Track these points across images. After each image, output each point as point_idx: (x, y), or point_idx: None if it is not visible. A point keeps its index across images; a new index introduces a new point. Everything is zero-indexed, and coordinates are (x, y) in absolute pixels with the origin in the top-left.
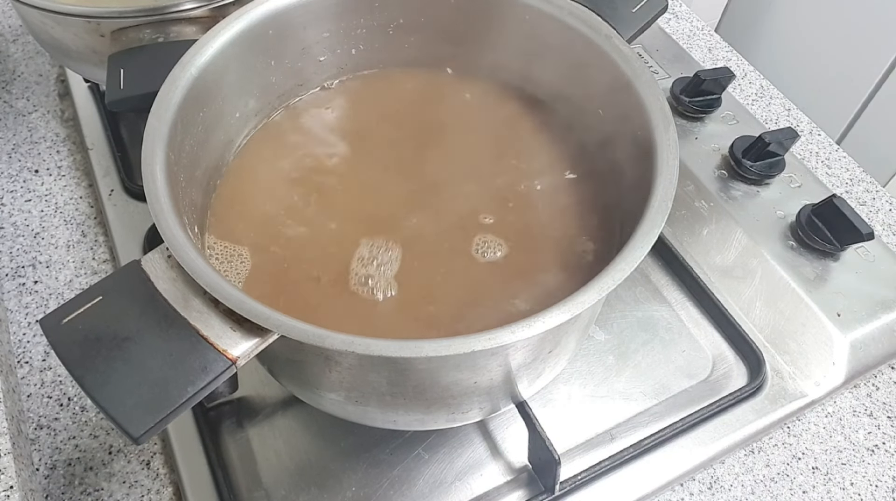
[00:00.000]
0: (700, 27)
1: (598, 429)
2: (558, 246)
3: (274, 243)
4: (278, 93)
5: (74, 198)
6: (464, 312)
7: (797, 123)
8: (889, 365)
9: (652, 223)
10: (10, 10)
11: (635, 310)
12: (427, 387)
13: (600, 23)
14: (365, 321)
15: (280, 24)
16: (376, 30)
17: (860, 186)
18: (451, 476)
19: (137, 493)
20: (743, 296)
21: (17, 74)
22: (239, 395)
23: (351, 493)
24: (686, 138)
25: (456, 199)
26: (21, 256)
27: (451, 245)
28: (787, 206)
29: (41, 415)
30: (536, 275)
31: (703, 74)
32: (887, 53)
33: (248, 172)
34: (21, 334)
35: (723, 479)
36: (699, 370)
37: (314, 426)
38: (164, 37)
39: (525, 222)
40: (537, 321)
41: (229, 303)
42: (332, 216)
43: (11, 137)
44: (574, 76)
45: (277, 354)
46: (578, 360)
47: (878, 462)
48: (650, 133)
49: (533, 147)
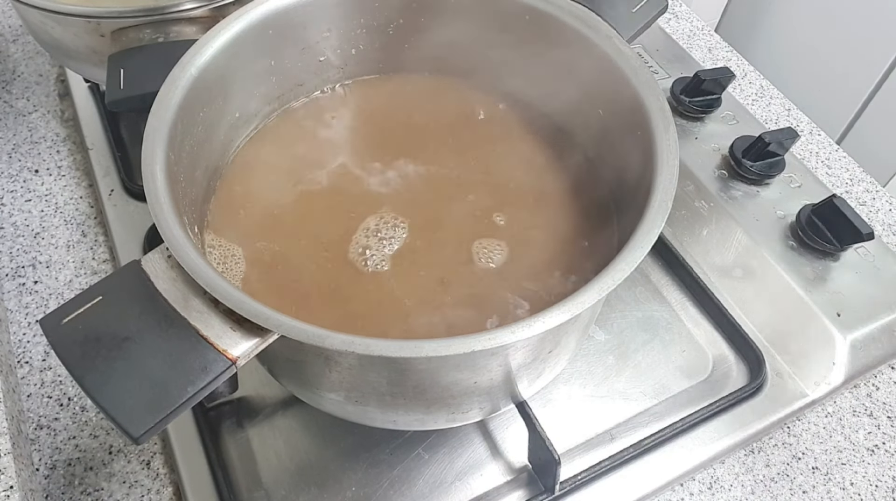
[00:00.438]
0: (700, 27)
1: (598, 429)
2: (557, 246)
3: (274, 242)
4: (278, 93)
5: (74, 198)
6: (457, 309)
7: (797, 123)
8: (889, 365)
9: (652, 223)
10: (10, 10)
11: (635, 310)
12: (427, 387)
13: (600, 23)
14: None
15: (280, 24)
16: (376, 30)
17: (860, 186)
18: (451, 476)
19: (137, 493)
20: (743, 296)
21: (17, 74)
22: (239, 395)
23: (351, 493)
24: (686, 138)
25: (455, 199)
26: (21, 256)
27: (450, 244)
28: (787, 206)
29: (41, 415)
30: (536, 275)
31: (703, 74)
32: (887, 53)
33: (248, 172)
34: (21, 334)
35: (723, 479)
36: (699, 370)
37: (314, 427)
38: (164, 37)
39: (524, 222)
40: (537, 321)
41: (229, 303)
42: (332, 215)
43: (11, 137)
44: (574, 76)
45: (277, 354)
46: (578, 360)
47: (878, 462)
48: (650, 133)
49: (533, 148)
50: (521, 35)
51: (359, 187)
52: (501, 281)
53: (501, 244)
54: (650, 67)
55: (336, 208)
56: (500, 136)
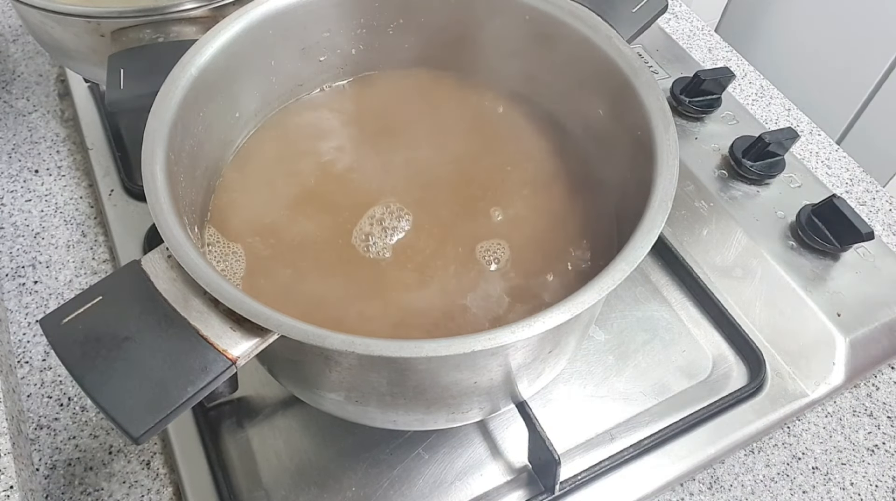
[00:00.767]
0: (700, 27)
1: (598, 429)
2: (558, 246)
3: (273, 241)
4: (278, 93)
5: (74, 198)
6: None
7: (797, 123)
8: (889, 365)
9: (652, 223)
10: (10, 10)
11: (635, 310)
12: (427, 387)
13: (600, 23)
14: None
15: (280, 24)
16: (376, 30)
17: (860, 186)
18: (451, 476)
19: (137, 493)
20: (743, 296)
21: (16, 74)
22: (239, 395)
23: (351, 493)
24: (686, 138)
25: (455, 199)
26: (21, 256)
27: (450, 241)
28: (787, 206)
29: (41, 415)
30: (536, 275)
31: (703, 74)
32: (887, 53)
33: (248, 172)
34: (21, 334)
35: (723, 479)
36: (699, 371)
37: (314, 427)
38: (164, 37)
39: (524, 222)
40: (537, 321)
41: (229, 303)
42: (332, 214)
43: (11, 137)
44: (574, 76)
45: (277, 354)
46: (578, 360)
47: (879, 462)
48: (650, 133)
49: (532, 148)
50: (521, 35)
51: (359, 186)
52: (501, 279)
53: (501, 243)
54: (650, 67)
55: (336, 206)
56: (501, 136)
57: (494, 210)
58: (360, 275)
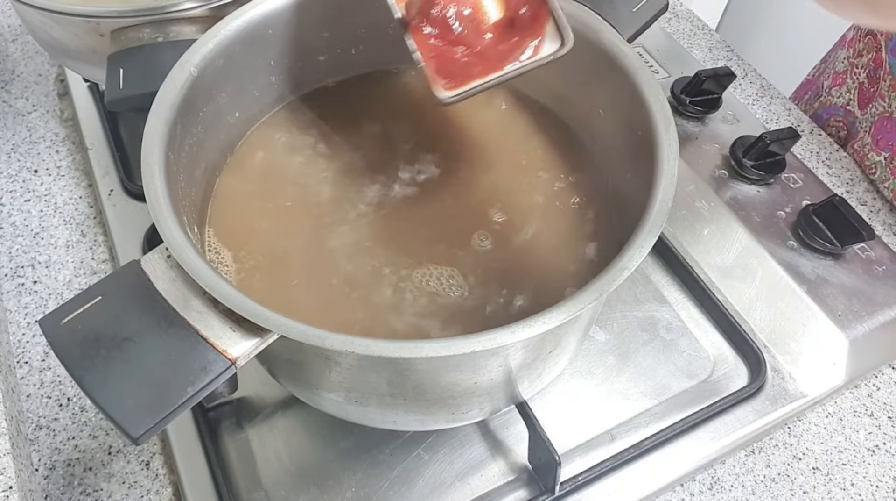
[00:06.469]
0: (700, 27)
1: (598, 429)
2: (558, 247)
3: (274, 241)
4: (278, 93)
5: (74, 198)
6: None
7: (797, 122)
8: (889, 365)
9: (652, 223)
10: (9, 10)
11: (636, 310)
12: (427, 387)
13: (600, 23)
14: None
15: (280, 23)
16: (376, 30)
17: (861, 186)
18: (451, 477)
19: (137, 493)
20: (743, 296)
21: (16, 73)
22: (239, 395)
23: (351, 493)
24: (686, 138)
25: (455, 200)
26: (20, 256)
27: (449, 243)
28: (788, 206)
29: (40, 415)
30: (536, 274)
31: (703, 74)
32: None
33: (248, 171)
34: (20, 334)
35: (723, 479)
36: (700, 371)
37: (314, 427)
38: (163, 37)
39: (524, 222)
40: (537, 321)
41: (229, 303)
42: (332, 213)
43: (11, 137)
44: (574, 76)
45: (277, 354)
46: (578, 360)
47: (879, 462)
48: (650, 133)
49: (532, 148)
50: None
51: (359, 185)
52: (501, 277)
53: (502, 242)
54: (650, 67)
55: (336, 205)
56: (501, 135)
57: (492, 209)
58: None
